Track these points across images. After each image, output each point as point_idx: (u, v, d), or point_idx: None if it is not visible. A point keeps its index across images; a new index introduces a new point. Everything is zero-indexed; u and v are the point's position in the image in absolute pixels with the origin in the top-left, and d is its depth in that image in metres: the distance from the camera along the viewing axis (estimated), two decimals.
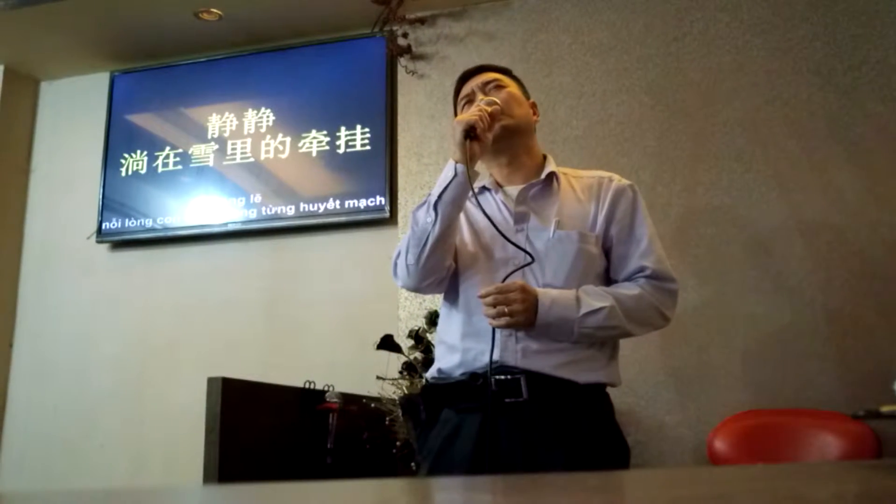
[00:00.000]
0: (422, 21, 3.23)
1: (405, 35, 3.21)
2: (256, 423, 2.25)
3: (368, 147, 3.23)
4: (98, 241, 3.54)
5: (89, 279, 3.54)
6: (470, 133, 1.57)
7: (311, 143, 3.33)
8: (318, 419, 2.46)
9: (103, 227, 3.53)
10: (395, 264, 1.69)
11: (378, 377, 2.62)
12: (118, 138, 3.60)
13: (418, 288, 1.68)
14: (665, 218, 2.80)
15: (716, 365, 2.65)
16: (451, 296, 1.69)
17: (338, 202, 3.23)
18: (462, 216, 1.69)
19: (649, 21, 2.98)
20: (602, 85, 2.99)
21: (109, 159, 3.58)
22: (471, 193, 1.59)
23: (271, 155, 3.38)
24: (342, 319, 3.15)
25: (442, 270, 1.64)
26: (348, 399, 2.52)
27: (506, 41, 3.14)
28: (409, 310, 3.01)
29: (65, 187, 3.70)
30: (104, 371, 3.41)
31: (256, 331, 3.26)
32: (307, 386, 2.51)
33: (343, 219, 3.22)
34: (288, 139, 3.37)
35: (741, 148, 2.79)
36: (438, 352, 1.71)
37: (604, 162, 2.89)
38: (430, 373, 1.71)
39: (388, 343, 2.60)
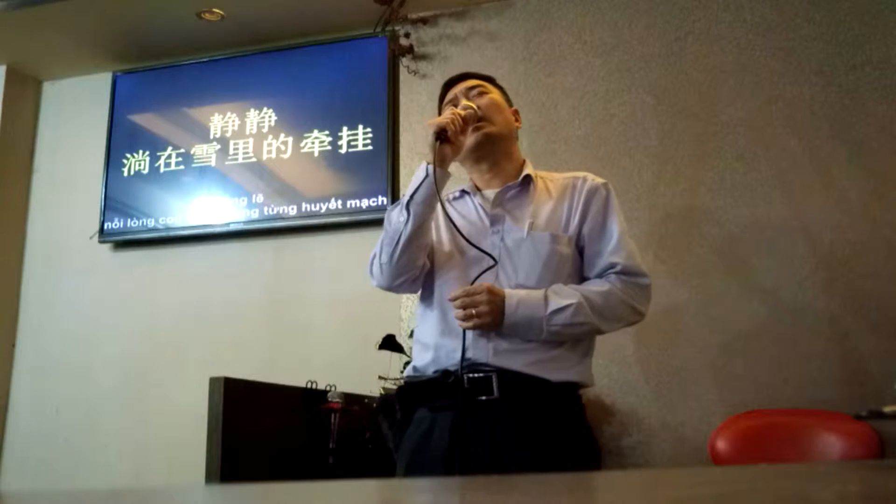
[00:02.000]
0: (424, 21, 3.23)
1: (407, 35, 3.21)
2: (259, 423, 2.25)
3: (370, 147, 3.23)
4: (100, 241, 3.54)
5: (92, 279, 3.55)
6: (441, 135, 1.61)
7: (313, 142, 3.33)
8: (321, 419, 2.46)
9: (105, 227, 3.53)
10: (371, 264, 1.74)
11: (380, 377, 2.62)
12: (120, 138, 3.61)
13: (391, 287, 1.72)
14: (667, 217, 2.80)
15: (717, 365, 2.65)
16: (427, 295, 1.73)
17: (340, 202, 3.23)
18: (439, 216, 1.72)
19: (651, 21, 2.98)
20: (604, 85, 2.99)
21: (112, 159, 3.59)
22: (442, 195, 1.63)
23: (273, 155, 3.38)
24: (344, 319, 3.15)
25: (414, 269, 1.67)
26: (350, 399, 2.52)
27: (508, 41, 3.14)
28: (410, 310, 3.01)
29: (67, 187, 3.70)
30: (107, 371, 3.41)
31: (258, 331, 3.26)
32: (309, 386, 2.51)
33: (345, 219, 3.22)
34: (290, 139, 3.37)
35: (743, 148, 2.79)
36: (414, 350, 1.74)
37: (606, 162, 2.89)
38: (406, 371, 1.75)
39: (389, 343, 2.60)
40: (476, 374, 1.58)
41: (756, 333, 2.64)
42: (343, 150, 3.27)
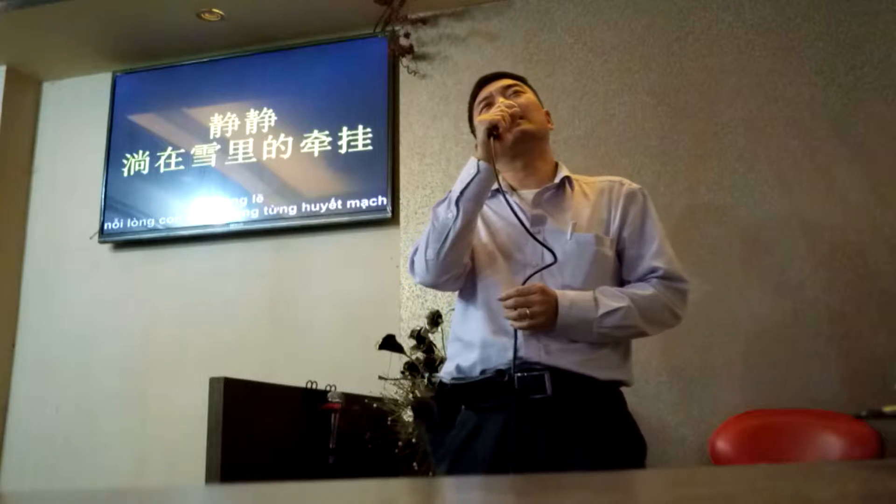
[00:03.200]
0: (424, 21, 3.23)
1: (407, 35, 3.21)
2: (259, 423, 2.25)
3: (370, 147, 3.23)
4: (100, 242, 3.54)
5: (92, 279, 3.55)
6: (493, 132, 1.61)
7: (313, 143, 3.33)
8: (321, 419, 2.46)
9: (105, 227, 3.53)
10: (413, 261, 1.71)
11: (380, 377, 2.62)
12: (120, 138, 3.61)
13: (436, 283, 1.70)
14: (667, 218, 2.80)
15: (718, 365, 2.65)
16: (468, 294, 1.72)
17: (340, 202, 3.23)
18: (479, 217, 1.71)
19: (651, 21, 2.98)
20: (604, 85, 2.99)
21: (111, 159, 3.59)
22: (496, 189, 1.64)
23: (273, 155, 3.38)
24: (344, 319, 3.15)
25: (460, 266, 1.67)
26: (350, 399, 2.52)
27: (508, 41, 3.14)
28: (411, 310, 3.02)
29: (67, 187, 3.71)
30: (107, 371, 3.41)
31: (259, 331, 3.26)
32: (309, 386, 2.51)
33: (345, 219, 3.22)
34: (290, 139, 3.37)
35: (743, 147, 2.79)
36: (454, 349, 1.72)
37: (606, 162, 2.89)
38: (447, 371, 1.72)
39: (390, 343, 2.60)
40: (528, 374, 1.58)
41: (756, 333, 2.64)
42: (343, 151, 3.27)
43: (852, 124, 2.70)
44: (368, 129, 3.25)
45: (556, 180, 1.74)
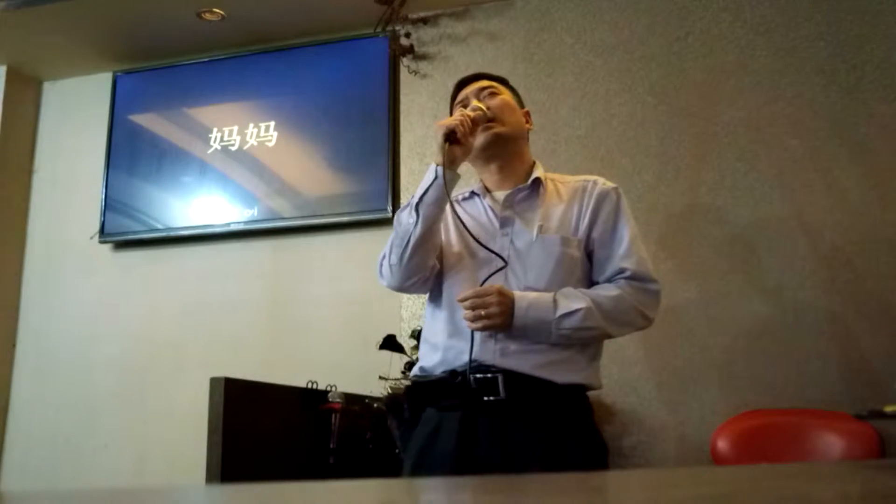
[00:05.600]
0: (424, 21, 3.23)
1: (408, 35, 3.21)
2: (259, 424, 2.25)
3: (371, 147, 3.23)
4: (101, 242, 3.54)
5: (92, 279, 3.55)
6: (450, 137, 1.61)
7: (313, 142, 3.33)
8: (321, 419, 2.46)
9: (106, 227, 3.53)
10: (381, 265, 1.74)
11: (381, 377, 2.62)
12: (121, 138, 3.61)
13: (402, 287, 1.72)
14: (668, 217, 2.80)
15: (718, 364, 2.65)
16: (436, 295, 1.73)
17: (340, 202, 3.23)
18: (448, 218, 1.73)
19: (652, 21, 2.98)
20: (604, 85, 2.99)
21: (112, 159, 3.59)
22: (471, 191, 1.65)
23: (273, 155, 3.38)
24: (345, 319, 3.15)
25: (425, 270, 1.68)
26: (351, 399, 2.52)
27: (508, 41, 3.14)
28: (411, 310, 3.01)
29: (67, 187, 3.71)
30: (107, 371, 3.41)
31: (259, 331, 3.26)
32: (310, 386, 2.51)
33: (345, 219, 3.22)
34: (290, 139, 3.37)
35: (744, 147, 2.79)
36: (422, 350, 1.74)
37: (606, 162, 2.89)
38: (413, 371, 1.75)
39: (390, 343, 2.60)
40: (482, 375, 1.58)
41: (757, 333, 2.64)
42: (343, 150, 3.27)
43: (853, 124, 2.70)
44: (369, 129, 3.24)
45: (529, 181, 1.74)
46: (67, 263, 3.61)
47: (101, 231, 3.53)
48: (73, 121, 3.77)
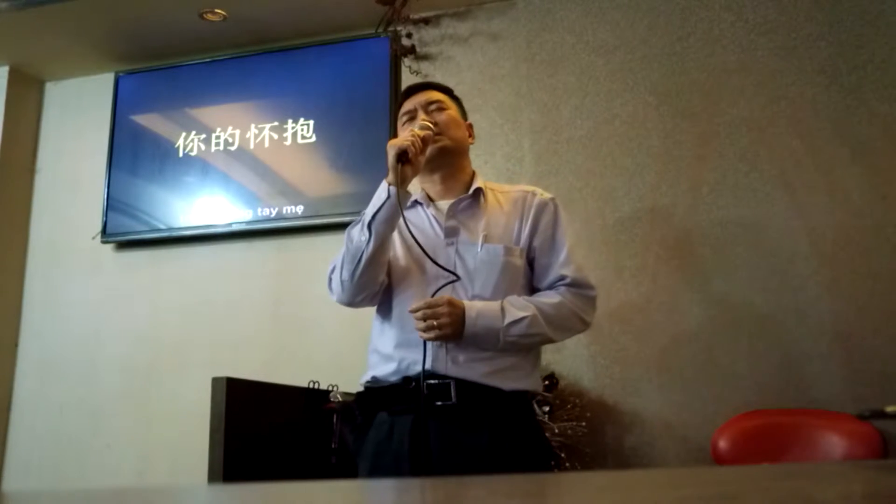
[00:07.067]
0: (426, 21, 3.23)
1: (409, 35, 3.21)
2: (261, 423, 2.25)
3: (373, 147, 3.23)
4: (103, 242, 3.55)
5: (94, 279, 3.55)
6: (402, 157, 1.67)
7: (315, 143, 3.33)
8: (323, 419, 2.46)
9: (108, 227, 3.53)
10: (330, 279, 1.82)
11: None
12: (123, 138, 3.61)
13: (352, 302, 1.81)
14: (669, 218, 2.80)
15: (720, 364, 2.65)
16: (384, 308, 1.80)
17: (342, 202, 3.23)
18: (395, 232, 1.78)
19: (654, 21, 2.98)
20: (606, 85, 2.99)
21: (114, 159, 3.59)
22: (414, 200, 1.76)
23: (276, 155, 3.38)
24: (346, 319, 3.13)
25: (375, 286, 1.75)
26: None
27: (510, 41, 3.14)
28: None
29: (70, 187, 3.71)
30: (110, 371, 3.42)
31: (261, 331, 3.26)
32: (312, 386, 2.51)
33: (348, 219, 3.18)
34: (292, 139, 3.37)
35: (746, 147, 2.79)
36: (372, 360, 1.80)
37: (608, 162, 2.89)
38: (364, 379, 1.80)
39: None
40: (435, 381, 1.65)
41: (758, 333, 2.64)
42: (346, 150, 3.27)
43: (855, 124, 2.70)
44: (371, 130, 3.24)
45: (470, 191, 1.81)
46: (70, 263, 3.61)
47: (104, 231, 3.54)
48: (76, 121, 3.77)
